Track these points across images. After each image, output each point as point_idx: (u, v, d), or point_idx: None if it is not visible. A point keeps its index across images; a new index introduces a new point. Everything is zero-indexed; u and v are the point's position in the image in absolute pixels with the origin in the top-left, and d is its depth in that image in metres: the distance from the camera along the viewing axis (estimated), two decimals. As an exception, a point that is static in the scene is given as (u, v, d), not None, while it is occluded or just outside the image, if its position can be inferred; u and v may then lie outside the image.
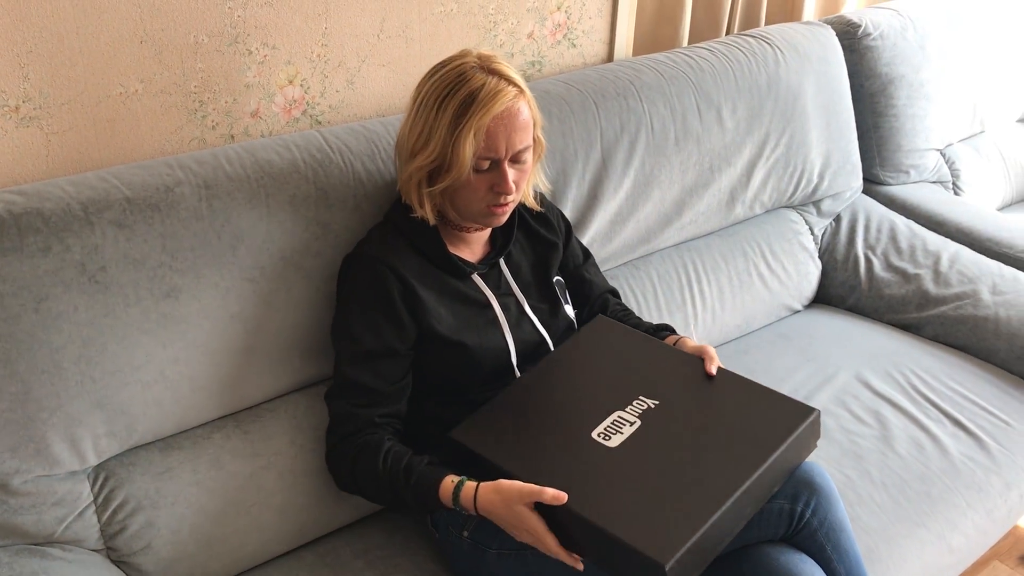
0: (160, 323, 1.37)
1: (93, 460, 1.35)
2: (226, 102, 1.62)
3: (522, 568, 1.37)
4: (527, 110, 1.41)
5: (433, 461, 1.36)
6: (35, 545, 1.30)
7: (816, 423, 1.33)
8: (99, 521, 1.34)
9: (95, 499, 1.35)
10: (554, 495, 1.21)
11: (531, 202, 1.59)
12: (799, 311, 2.24)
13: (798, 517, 1.32)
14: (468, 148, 1.36)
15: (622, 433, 1.32)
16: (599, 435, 1.32)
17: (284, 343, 1.50)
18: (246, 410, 1.50)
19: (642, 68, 1.98)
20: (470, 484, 1.28)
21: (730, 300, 2.08)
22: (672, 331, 1.62)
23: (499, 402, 1.43)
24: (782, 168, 2.18)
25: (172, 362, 1.39)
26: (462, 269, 1.50)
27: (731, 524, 1.23)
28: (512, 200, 1.45)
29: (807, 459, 1.37)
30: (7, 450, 1.26)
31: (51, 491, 1.30)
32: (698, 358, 1.46)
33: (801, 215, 2.29)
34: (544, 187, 1.64)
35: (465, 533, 1.42)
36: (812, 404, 1.81)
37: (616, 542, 1.16)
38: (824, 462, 1.68)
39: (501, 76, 1.38)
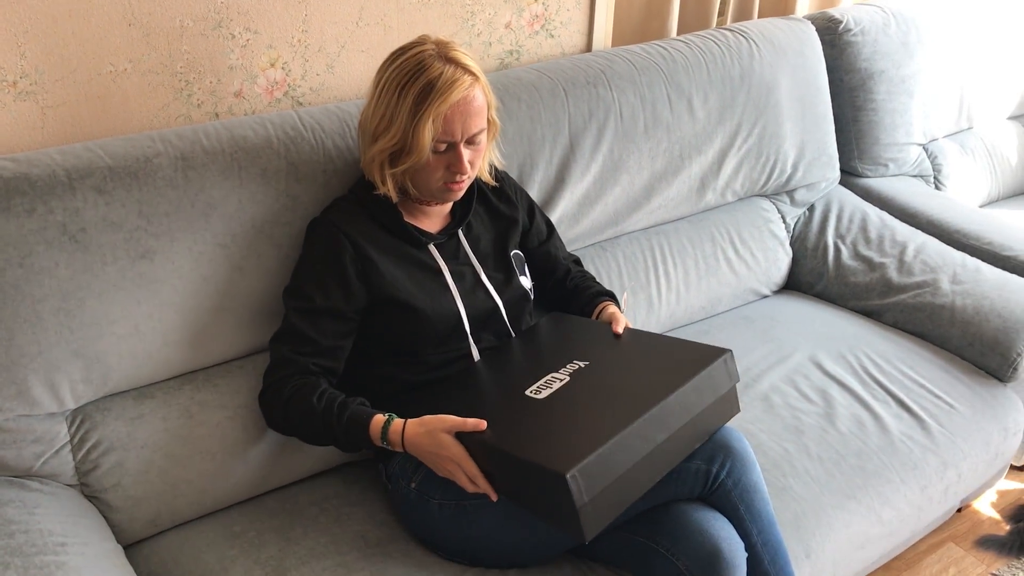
0: (135, 282, 1.50)
1: (71, 404, 1.48)
2: (211, 82, 1.75)
3: (461, 517, 1.48)
4: (481, 96, 1.52)
5: (365, 403, 1.47)
6: (15, 477, 1.44)
7: (729, 365, 1.43)
8: (74, 459, 1.48)
9: (71, 439, 1.48)
10: (475, 423, 1.34)
11: (486, 177, 1.70)
12: (767, 296, 2.32)
13: (713, 477, 1.41)
14: (427, 134, 1.47)
15: (551, 388, 1.43)
16: (531, 391, 1.43)
17: (253, 305, 1.63)
18: (216, 366, 1.63)
19: (615, 58, 2.07)
20: (399, 420, 1.42)
21: (695, 283, 2.16)
22: (612, 298, 1.74)
23: (450, 381, 1.57)
24: (754, 158, 2.26)
25: (146, 318, 1.52)
26: (418, 239, 1.61)
27: (645, 470, 1.31)
28: (467, 178, 1.56)
29: (727, 425, 1.46)
30: (-9, 390, 1.40)
31: (30, 429, 1.44)
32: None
33: (774, 204, 2.37)
34: (499, 163, 1.74)
35: (413, 484, 1.54)
36: (762, 382, 1.91)
37: (523, 466, 1.26)
38: (765, 435, 1.76)
39: (457, 64, 1.49)
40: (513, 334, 1.68)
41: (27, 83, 1.57)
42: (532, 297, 1.74)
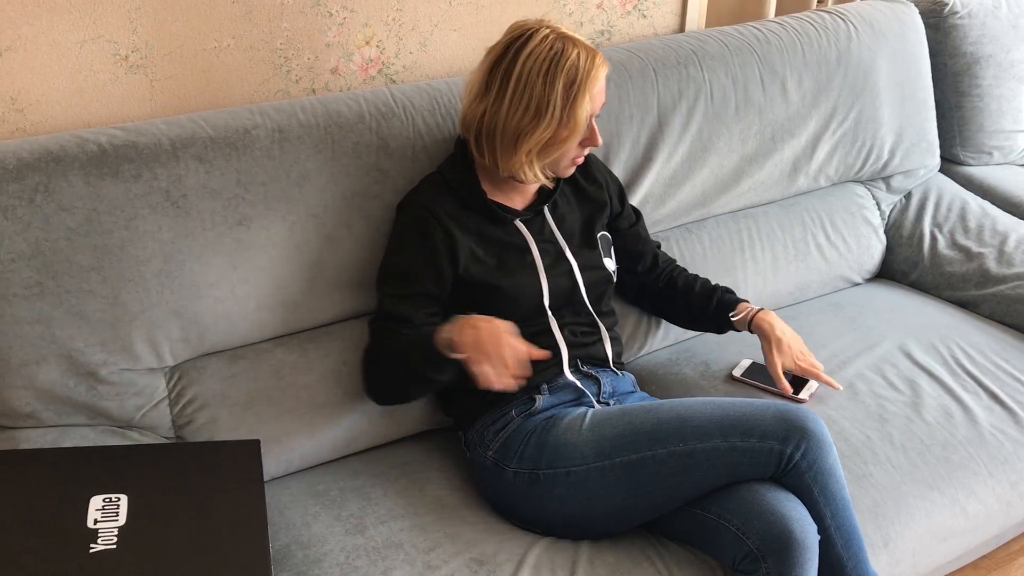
0: (232, 247, 1.57)
1: (170, 361, 1.57)
2: (308, 59, 1.81)
3: (536, 486, 1.51)
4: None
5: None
6: (117, 427, 1.53)
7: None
8: (171, 413, 1.57)
9: (169, 394, 1.57)
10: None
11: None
12: (858, 284, 2.27)
13: (787, 458, 1.41)
14: (584, 112, 1.52)
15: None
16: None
17: (343, 274, 1.69)
18: (306, 331, 1.70)
19: (707, 39, 2.06)
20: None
21: (784, 268, 2.14)
22: (731, 292, 1.81)
23: None
24: (850, 143, 2.22)
25: (241, 282, 1.59)
26: (503, 216, 1.64)
27: None
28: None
29: (804, 407, 1.45)
30: (98, 344, 1.49)
31: (132, 383, 1.53)
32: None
33: (869, 190, 2.32)
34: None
35: (490, 452, 1.58)
36: (847, 369, 1.88)
37: None
38: (847, 421, 1.74)
39: (582, 44, 1.53)
40: (594, 314, 1.70)
41: (138, 57, 1.66)
42: (615, 280, 1.75)
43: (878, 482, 1.63)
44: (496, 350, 1.42)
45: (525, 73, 1.51)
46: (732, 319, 1.76)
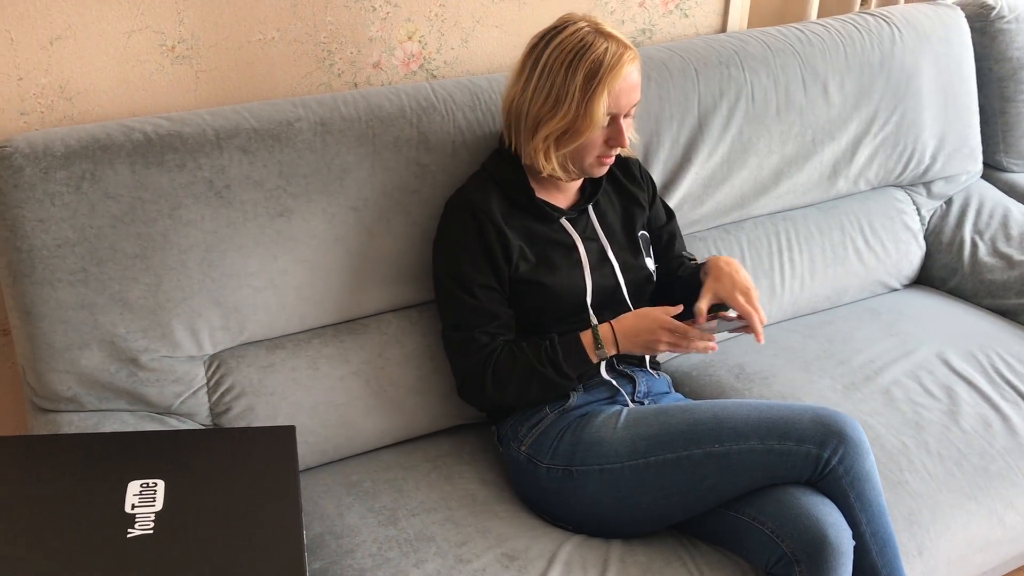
0: (273, 238, 1.59)
1: (209, 349, 1.58)
2: (351, 53, 1.83)
3: (568, 482, 1.51)
4: (638, 70, 1.55)
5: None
6: (156, 413, 1.55)
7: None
8: (209, 400, 1.58)
9: (207, 382, 1.59)
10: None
11: (628, 151, 1.72)
12: (896, 289, 2.25)
13: (824, 463, 1.40)
14: (601, 109, 1.50)
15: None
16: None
17: (381, 268, 1.69)
18: (343, 323, 1.71)
19: (749, 39, 2.05)
20: (603, 324, 1.56)
21: (821, 271, 2.12)
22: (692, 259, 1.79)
23: None
24: (891, 147, 2.20)
25: (281, 273, 1.60)
26: (550, 214, 1.64)
27: None
28: (616, 153, 1.61)
29: (841, 412, 1.44)
30: (139, 331, 1.51)
31: (172, 370, 1.55)
32: None
33: (909, 195, 2.29)
34: (634, 138, 1.75)
35: (523, 448, 1.58)
36: (884, 375, 1.86)
37: None
38: (883, 428, 1.72)
39: (616, 40, 1.52)
40: None
41: (184, 48, 1.68)
42: (655, 280, 1.74)
43: (914, 490, 1.62)
44: (657, 343, 1.52)
45: (551, 61, 1.51)
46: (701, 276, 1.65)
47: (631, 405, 1.60)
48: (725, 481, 1.43)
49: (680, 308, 1.53)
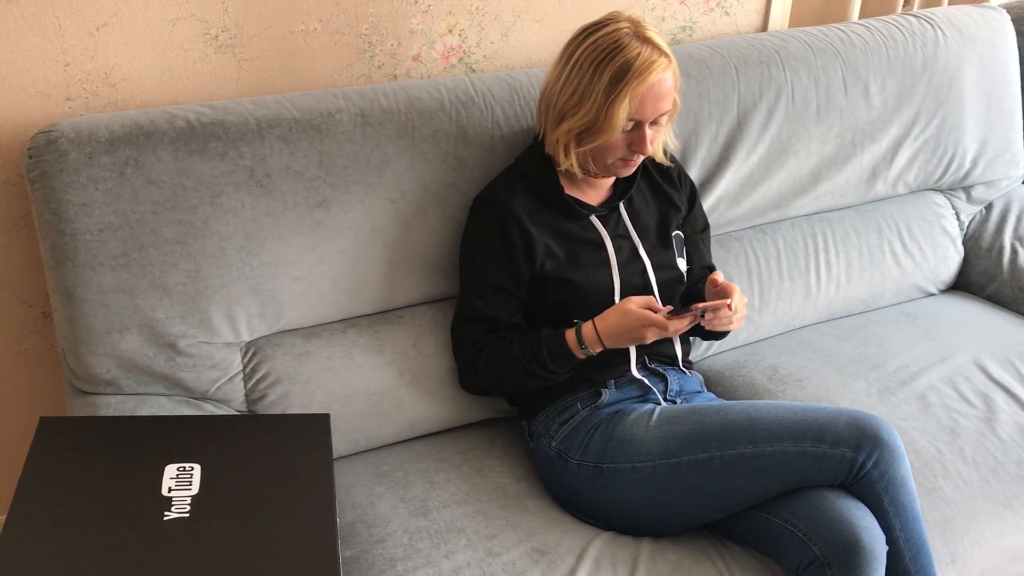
0: (312, 228, 1.60)
1: (246, 336, 1.60)
2: (391, 45, 1.83)
3: (599, 479, 1.51)
4: (672, 78, 1.53)
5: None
6: (192, 398, 1.57)
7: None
8: (245, 387, 1.60)
9: (244, 369, 1.60)
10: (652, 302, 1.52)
11: (660, 157, 1.70)
12: (933, 294, 2.22)
13: (859, 467, 1.39)
14: (621, 114, 1.49)
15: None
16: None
17: (417, 260, 1.70)
18: (378, 313, 1.72)
19: (790, 39, 2.03)
20: (586, 322, 1.54)
21: (857, 274, 2.10)
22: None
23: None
24: (931, 150, 2.17)
25: (318, 263, 1.61)
26: (579, 211, 1.64)
27: None
28: (643, 157, 1.59)
29: (877, 416, 1.43)
30: (178, 317, 1.52)
31: (209, 356, 1.56)
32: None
33: (948, 199, 2.27)
34: (672, 144, 1.74)
35: (554, 443, 1.58)
36: (919, 380, 1.84)
37: None
38: (917, 433, 1.71)
39: (653, 45, 1.50)
40: None
41: (227, 37, 1.69)
42: (686, 281, 1.73)
43: (948, 496, 1.60)
44: (643, 337, 1.50)
45: (583, 57, 1.51)
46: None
47: (663, 404, 1.60)
48: (757, 482, 1.42)
49: (669, 309, 1.50)
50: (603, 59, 1.48)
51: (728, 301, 1.51)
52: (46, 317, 1.76)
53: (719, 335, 1.76)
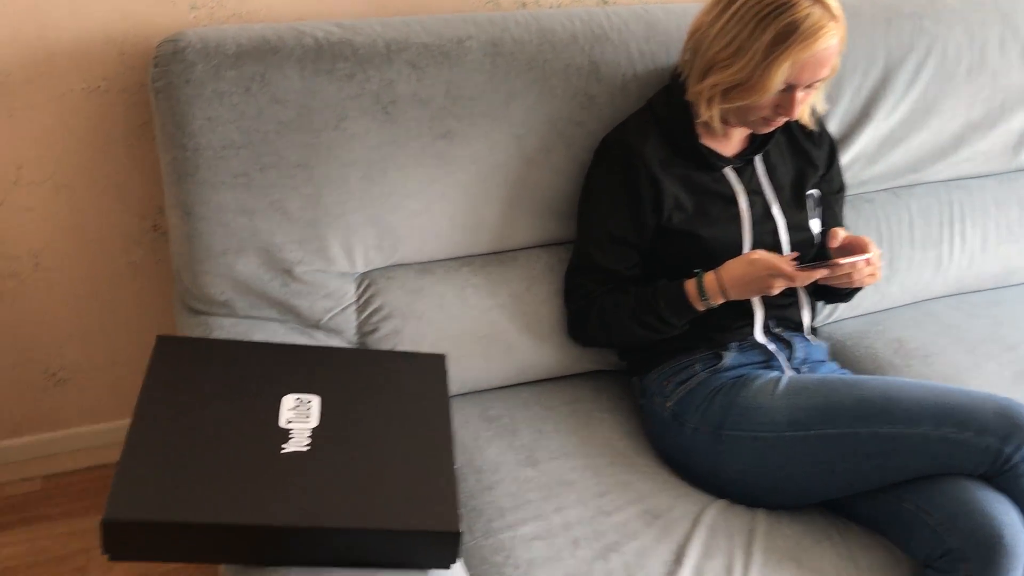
0: (434, 160, 1.53)
1: (361, 267, 1.55)
2: (524, -29, 1.74)
3: (717, 446, 1.45)
4: (838, 44, 1.40)
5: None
6: (304, 327, 1.53)
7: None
8: (357, 319, 1.56)
9: (357, 300, 1.56)
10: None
11: (806, 120, 1.59)
12: (1072, 276, 2.09)
13: (1005, 458, 1.30)
14: (779, 76, 1.37)
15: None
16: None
17: (538, 200, 1.63)
18: (494, 254, 1.66)
19: (950, -10, 1.89)
20: (708, 272, 1.48)
21: (993, 248, 1.98)
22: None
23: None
24: (1087, 120, 2.02)
25: (438, 197, 1.55)
26: (714, 163, 1.54)
27: None
28: (787, 119, 1.48)
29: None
30: (296, 242, 1.48)
31: (323, 284, 1.52)
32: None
33: (1099, 174, 2.11)
34: (821, 109, 1.62)
35: (669, 404, 1.52)
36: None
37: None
38: (1054, 424, 1.60)
39: (824, 6, 1.36)
40: None
41: (357, -48, 1.62)
42: (816, 244, 1.63)
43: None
44: (769, 287, 1.42)
45: (745, 8, 1.38)
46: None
47: (788, 372, 1.52)
48: (890, 465, 1.34)
49: (796, 255, 1.46)
50: (768, 14, 1.35)
51: (867, 256, 1.41)
52: (155, 231, 1.73)
53: (843, 297, 1.66)
